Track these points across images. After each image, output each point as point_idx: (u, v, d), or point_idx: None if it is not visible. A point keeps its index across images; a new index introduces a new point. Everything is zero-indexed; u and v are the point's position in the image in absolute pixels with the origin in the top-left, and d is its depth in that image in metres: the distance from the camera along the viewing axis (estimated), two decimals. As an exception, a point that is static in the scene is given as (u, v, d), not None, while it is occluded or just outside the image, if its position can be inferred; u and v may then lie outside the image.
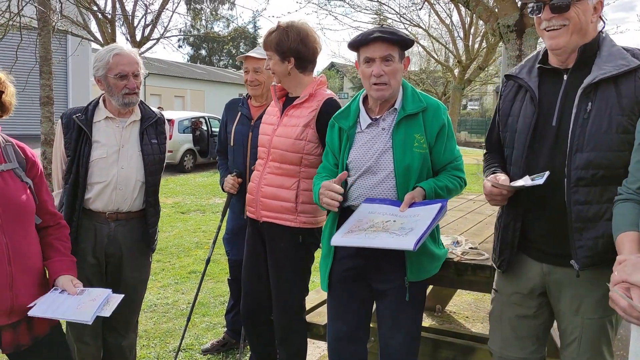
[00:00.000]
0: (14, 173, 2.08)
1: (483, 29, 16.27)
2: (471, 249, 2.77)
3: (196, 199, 10.64)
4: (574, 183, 1.85)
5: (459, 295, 4.90)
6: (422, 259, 2.27)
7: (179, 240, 7.17)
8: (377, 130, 2.31)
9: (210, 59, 56.91)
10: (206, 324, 4.31)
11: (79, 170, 2.63)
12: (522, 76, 2.06)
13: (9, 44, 7.94)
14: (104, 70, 2.62)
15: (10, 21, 7.57)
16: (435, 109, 2.29)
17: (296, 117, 2.77)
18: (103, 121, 2.70)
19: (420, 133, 2.25)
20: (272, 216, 2.79)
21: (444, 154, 2.29)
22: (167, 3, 11.68)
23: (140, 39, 11.63)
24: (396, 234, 2.03)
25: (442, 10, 18.28)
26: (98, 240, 2.68)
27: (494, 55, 17.30)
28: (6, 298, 1.97)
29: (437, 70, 24.96)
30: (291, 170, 2.76)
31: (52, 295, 2.04)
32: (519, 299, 2.09)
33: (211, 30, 27.57)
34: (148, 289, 3.19)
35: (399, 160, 2.23)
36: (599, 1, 1.89)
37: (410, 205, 2.16)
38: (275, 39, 2.76)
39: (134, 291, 2.81)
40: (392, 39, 2.20)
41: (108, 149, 2.66)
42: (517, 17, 5.46)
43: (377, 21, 19.83)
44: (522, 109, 2.03)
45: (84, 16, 11.37)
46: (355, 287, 2.37)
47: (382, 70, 2.20)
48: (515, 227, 2.04)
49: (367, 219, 2.16)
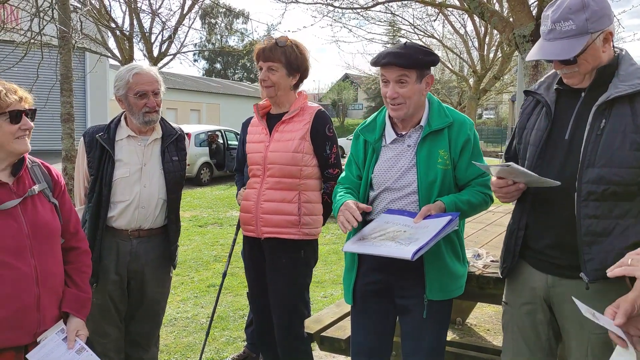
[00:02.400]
0: (42, 194, 2.11)
1: (498, 38, 16.23)
2: (492, 262, 2.75)
3: (213, 212, 10.70)
4: (585, 197, 1.86)
5: (480, 307, 4.86)
6: (442, 277, 2.26)
7: (198, 254, 7.21)
8: (402, 147, 2.31)
9: (225, 72, 57.45)
10: (226, 338, 4.32)
11: (102, 190, 2.65)
12: (541, 92, 2.09)
13: (30, 62, 8.09)
14: (125, 89, 2.65)
15: (32, 40, 7.73)
16: (460, 124, 2.29)
17: (289, 131, 2.83)
18: (125, 139, 2.72)
19: (444, 149, 2.25)
20: (274, 231, 2.81)
21: (469, 170, 2.28)
22: (183, 19, 11.86)
23: (158, 55, 11.80)
24: (401, 244, 2.05)
25: (456, 20, 18.29)
26: (120, 257, 2.70)
27: (510, 65, 17.22)
28: (33, 319, 2.00)
29: (451, 80, 24.91)
30: (291, 183, 2.80)
31: (52, 344, 2.04)
32: (528, 310, 2.09)
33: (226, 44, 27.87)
34: (168, 303, 3.21)
35: (423, 177, 2.24)
36: (608, 32, 1.88)
37: (426, 217, 2.16)
38: (287, 52, 2.78)
39: (157, 306, 2.85)
40: (402, 64, 2.17)
41: (130, 168, 2.68)
42: (533, 27, 5.45)
43: (391, 32, 19.89)
44: (536, 122, 2.06)
45: (103, 34, 11.57)
46: (379, 301, 2.37)
47: (395, 92, 2.20)
48: (517, 236, 2.07)
49: (380, 228, 2.19)
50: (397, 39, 19.47)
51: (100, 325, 2.68)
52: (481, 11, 6.16)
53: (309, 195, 2.84)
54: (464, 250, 2.39)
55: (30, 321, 2.00)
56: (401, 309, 2.34)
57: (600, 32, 1.85)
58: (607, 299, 1.85)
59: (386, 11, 15.57)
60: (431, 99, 2.35)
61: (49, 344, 2.04)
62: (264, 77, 2.82)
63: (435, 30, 19.23)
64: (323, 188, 2.93)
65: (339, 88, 48.21)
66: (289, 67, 2.79)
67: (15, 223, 1.97)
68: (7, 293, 1.94)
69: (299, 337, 2.90)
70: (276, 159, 2.80)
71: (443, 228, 2.07)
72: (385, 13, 15.90)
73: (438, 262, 2.24)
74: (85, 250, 2.29)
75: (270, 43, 2.81)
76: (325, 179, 2.91)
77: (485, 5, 6.37)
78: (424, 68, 2.22)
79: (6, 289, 1.93)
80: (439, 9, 14.86)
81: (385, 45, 20.18)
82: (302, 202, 2.80)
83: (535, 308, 2.07)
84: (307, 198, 2.82)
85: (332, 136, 2.89)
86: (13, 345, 1.99)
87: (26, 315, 1.98)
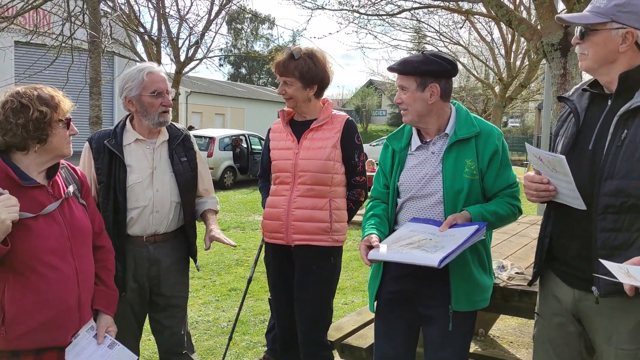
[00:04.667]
0: (74, 196, 2.16)
1: (525, 46, 16.05)
2: (517, 273, 2.71)
3: (236, 215, 10.77)
4: (602, 210, 1.82)
5: (503, 319, 4.79)
6: (468, 287, 2.24)
7: (220, 258, 7.26)
8: (427, 154, 2.31)
9: (250, 77, 57.88)
10: (246, 343, 4.33)
11: (117, 197, 2.59)
12: (573, 98, 2.05)
13: (60, 65, 8.28)
14: (139, 89, 2.58)
15: (63, 44, 7.90)
16: (488, 133, 2.27)
17: (319, 139, 2.85)
18: (133, 144, 2.66)
19: (471, 158, 2.24)
20: (306, 239, 2.82)
21: (497, 181, 2.26)
22: (210, 24, 12.01)
23: (184, 59, 11.96)
24: (427, 251, 2.04)
25: (482, 27, 18.16)
26: (138, 264, 2.66)
27: (537, 73, 17.01)
28: (75, 318, 2.06)
29: (477, 87, 24.70)
30: (322, 190, 2.83)
31: (84, 341, 2.08)
32: (559, 322, 2.05)
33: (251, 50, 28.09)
34: (189, 306, 3.24)
35: (449, 186, 2.23)
36: (628, 32, 1.83)
37: (451, 226, 2.15)
38: (299, 66, 2.80)
39: (179, 307, 2.83)
40: (400, 70, 2.26)
41: (142, 173, 2.63)
42: (562, 36, 5.37)
43: (416, 39, 19.83)
44: (566, 130, 2.03)
45: (132, 38, 11.78)
46: (402, 310, 2.35)
47: (399, 98, 2.29)
48: (543, 243, 2.05)
49: (406, 236, 2.18)
50: (422, 46, 19.41)
51: (119, 334, 2.66)
52: (509, 19, 6.11)
53: (338, 203, 2.87)
54: (490, 262, 2.36)
55: (73, 321, 2.05)
56: (425, 319, 2.33)
57: (622, 26, 1.82)
58: (630, 316, 1.82)
59: (412, 18, 15.56)
60: (459, 108, 2.35)
61: (81, 342, 2.08)
62: (281, 91, 2.89)
63: (461, 38, 19.11)
64: (348, 195, 2.94)
65: (362, 94, 48.18)
66: (303, 80, 2.82)
67: (57, 225, 2.02)
68: (53, 294, 1.98)
69: (322, 345, 2.90)
70: (308, 166, 2.81)
71: (470, 237, 2.05)
72: (411, 20, 15.88)
73: (464, 272, 2.22)
74: (110, 248, 2.34)
75: (285, 56, 2.84)
76: (352, 186, 2.94)
77: (513, 13, 6.31)
78: (425, 76, 2.22)
79: (52, 290, 1.98)
80: (465, 17, 14.79)
81: (410, 52, 20.13)
82: (333, 209, 2.83)
83: (565, 321, 2.04)
84: (337, 205, 2.86)
85: (360, 144, 2.96)
86: (57, 345, 2.03)
87: (69, 315, 2.03)
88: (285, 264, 2.95)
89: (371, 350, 2.82)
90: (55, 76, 7.51)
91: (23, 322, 1.95)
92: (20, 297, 1.94)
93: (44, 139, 1.98)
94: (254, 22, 41.26)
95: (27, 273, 1.95)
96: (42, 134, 1.96)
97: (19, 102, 1.94)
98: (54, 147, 2.02)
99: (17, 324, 1.94)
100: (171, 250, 2.74)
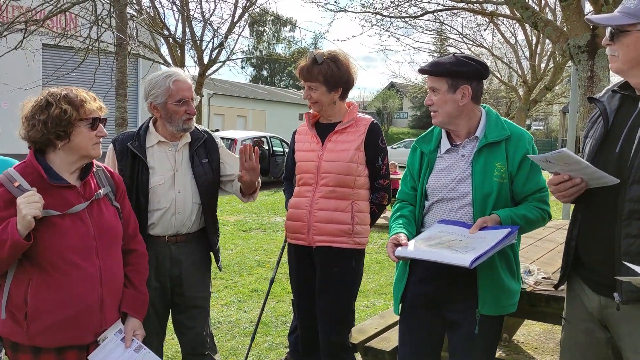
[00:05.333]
0: (106, 197, 2.19)
1: (550, 48, 15.84)
2: (544, 278, 2.67)
3: (257, 217, 10.81)
4: (627, 215, 1.78)
5: (527, 324, 4.72)
6: (495, 291, 2.21)
7: (241, 259, 7.30)
8: (457, 157, 2.30)
9: (272, 79, 58.17)
10: (268, 344, 4.35)
11: (139, 198, 2.62)
12: (603, 99, 2.01)
13: (87, 68, 8.43)
14: (164, 97, 2.59)
15: (90, 46, 8.04)
16: (519, 137, 2.25)
17: (342, 141, 2.87)
18: (156, 146, 2.68)
19: (501, 162, 2.22)
20: (327, 240, 2.83)
21: (526, 185, 2.24)
22: (233, 27, 12.10)
23: (208, 62, 12.07)
24: (457, 251, 2.02)
25: (506, 29, 17.97)
26: (160, 264, 2.67)
27: (562, 75, 16.76)
28: (96, 318, 2.08)
29: (500, 90, 24.44)
30: (345, 192, 2.84)
31: (111, 344, 2.11)
32: (586, 328, 2.02)
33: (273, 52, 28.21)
34: (212, 307, 3.26)
35: (478, 188, 2.21)
36: None
37: (481, 229, 2.13)
38: (323, 71, 2.82)
39: (200, 307, 2.84)
40: (431, 72, 2.24)
41: (164, 175, 2.66)
42: (589, 38, 5.29)
43: (438, 41, 19.69)
44: (595, 132, 1.99)
45: (156, 41, 11.93)
46: (427, 314, 2.34)
47: (429, 99, 2.28)
48: (570, 245, 2.02)
49: (435, 236, 2.17)
50: (445, 48, 19.28)
51: None
52: (534, 20, 6.03)
53: (361, 205, 2.87)
54: (519, 267, 2.33)
55: (93, 321, 2.07)
56: (450, 323, 2.31)
57: None
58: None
59: (435, 20, 15.46)
60: (489, 112, 2.35)
61: (109, 345, 2.11)
62: (306, 96, 2.91)
63: (484, 40, 18.91)
64: (372, 198, 2.94)
65: (384, 96, 48.05)
66: (327, 84, 2.84)
67: (83, 225, 2.06)
68: (74, 292, 2.02)
69: (344, 347, 2.89)
70: (331, 168, 2.83)
71: (502, 239, 2.03)
72: (433, 22, 15.79)
73: (492, 276, 2.20)
74: (143, 252, 2.36)
75: (308, 61, 2.85)
76: (375, 190, 2.93)
77: (538, 15, 6.24)
78: (457, 78, 2.21)
79: (74, 288, 2.02)
80: (489, 18, 14.65)
81: (432, 54, 20.01)
82: (355, 212, 2.83)
83: (593, 326, 2.00)
84: (359, 207, 2.86)
85: (384, 148, 2.96)
86: (77, 343, 2.07)
87: (90, 315, 2.06)
88: (307, 266, 2.95)
89: (394, 353, 2.81)
90: (82, 78, 7.66)
91: (44, 318, 1.99)
92: (42, 293, 1.99)
93: (63, 136, 2.01)
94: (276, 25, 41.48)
95: (50, 270, 2.00)
96: (61, 131, 2.00)
97: (46, 100, 2.02)
98: (77, 146, 2.05)
99: (38, 320, 1.99)
100: (193, 251, 2.76)
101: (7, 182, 1.97)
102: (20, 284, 2.00)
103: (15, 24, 7.42)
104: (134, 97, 21.64)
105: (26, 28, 7.44)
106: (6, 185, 1.96)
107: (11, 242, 1.85)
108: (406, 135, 41.56)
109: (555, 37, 5.75)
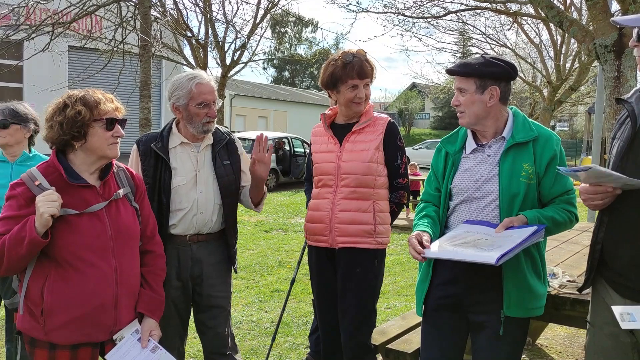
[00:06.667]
0: (126, 198, 2.22)
1: (575, 48, 15.60)
2: (569, 282, 2.63)
3: (278, 217, 10.85)
4: None
5: (551, 328, 4.65)
6: (521, 292, 2.18)
7: (263, 259, 7.33)
8: (482, 157, 2.28)
9: (293, 80, 58.32)
10: (289, 344, 4.36)
11: (162, 198, 2.65)
12: (631, 100, 1.98)
13: (112, 69, 8.55)
14: (187, 99, 2.61)
15: (114, 48, 8.17)
16: (546, 138, 2.23)
17: (361, 141, 2.86)
18: (179, 147, 2.71)
19: (529, 163, 2.20)
20: (350, 241, 2.82)
21: (554, 186, 2.21)
22: (256, 28, 12.17)
23: (230, 63, 12.16)
24: (483, 250, 2.00)
25: (530, 29, 17.75)
26: (182, 263, 2.70)
27: (587, 75, 16.49)
28: (111, 317, 2.11)
29: (524, 90, 24.14)
30: (366, 193, 2.83)
31: (128, 344, 2.14)
32: (612, 332, 1.98)
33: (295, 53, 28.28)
34: (233, 306, 3.28)
35: (505, 188, 2.19)
36: None
37: (507, 229, 2.11)
38: (370, 67, 2.85)
39: (221, 307, 2.85)
40: (460, 72, 2.23)
41: (186, 175, 2.68)
42: (616, 37, 5.19)
43: (461, 41, 19.55)
44: (622, 133, 1.96)
45: (179, 42, 12.06)
46: (451, 316, 2.32)
47: (457, 100, 2.27)
48: (595, 249, 1.99)
49: (460, 236, 2.16)
50: (468, 48, 19.12)
51: (164, 332, 2.70)
52: (559, 20, 5.95)
53: (382, 205, 2.86)
54: (545, 269, 2.30)
55: (108, 319, 2.10)
56: (474, 325, 2.28)
57: None
58: None
59: (458, 20, 15.35)
60: (516, 113, 2.32)
61: (125, 345, 2.14)
62: (363, 94, 2.83)
63: (507, 40, 18.72)
64: (391, 197, 2.93)
65: (405, 97, 47.81)
66: (372, 79, 2.89)
67: (100, 224, 2.09)
68: (89, 290, 2.05)
69: (365, 348, 2.88)
70: (351, 168, 2.82)
71: (529, 237, 2.01)
72: (456, 22, 15.67)
73: (518, 277, 2.17)
74: (161, 254, 2.38)
75: (346, 59, 2.81)
76: (394, 189, 2.92)
77: (564, 14, 6.15)
78: (485, 79, 2.20)
79: (88, 286, 2.05)
80: (513, 18, 14.49)
81: (455, 54, 19.86)
82: (377, 212, 2.83)
83: (618, 331, 1.96)
84: (380, 207, 2.85)
85: (402, 146, 2.94)
86: (91, 341, 2.10)
87: (104, 313, 2.09)
88: (328, 267, 2.95)
89: (416, 355, 2.79)
90: (107, 80, 7.77)
91: (59, 314, 2.03)
92: (58, 290, 2.03)
93: (79, 137, 2.05)
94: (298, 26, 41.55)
95: (67, 267, 2.04)
96: (75, 131, 2.03)
97: (64, 102, 2.07)
98: (93, 146, 2.09)
99: (54, 316, 2.03)
100: (214, 251, 2.78)
101: (28, 180, 2.03)
102: (37, 280, 2.04)
103: (42, 27, 7.56)
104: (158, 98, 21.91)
105: (53, 30, 7.58)
106: (27, 184, 2.02)
107: (29, 239, 1.90)
108: (428, 136, 41.24)
109: (581, 36, 5.66)
